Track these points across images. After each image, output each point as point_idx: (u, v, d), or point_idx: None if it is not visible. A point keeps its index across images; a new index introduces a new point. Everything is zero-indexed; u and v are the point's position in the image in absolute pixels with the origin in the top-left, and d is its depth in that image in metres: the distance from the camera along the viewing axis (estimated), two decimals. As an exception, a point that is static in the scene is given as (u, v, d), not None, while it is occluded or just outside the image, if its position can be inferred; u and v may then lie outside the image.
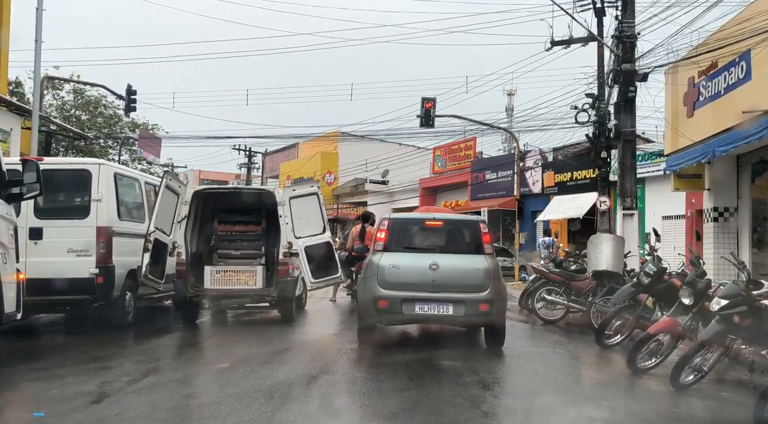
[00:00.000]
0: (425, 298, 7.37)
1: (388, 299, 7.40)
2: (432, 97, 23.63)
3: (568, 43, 20.57)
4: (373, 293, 7.49)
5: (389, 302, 7.40)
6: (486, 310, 7.39)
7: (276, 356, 7.26)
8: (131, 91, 23.53)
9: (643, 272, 7.91)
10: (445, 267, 7.45)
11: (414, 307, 7.38)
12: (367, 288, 7.61)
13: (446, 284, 7.40)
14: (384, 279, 7.46)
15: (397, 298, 7.38)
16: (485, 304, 7.37)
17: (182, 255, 9.45)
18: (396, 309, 7.41)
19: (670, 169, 14.49)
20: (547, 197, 28.12)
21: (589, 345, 8.45)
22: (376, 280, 7.50)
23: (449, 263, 7.55)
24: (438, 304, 7.37)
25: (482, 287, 7.44)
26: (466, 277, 7.51)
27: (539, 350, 8.32)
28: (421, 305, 7.38)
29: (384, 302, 7.42)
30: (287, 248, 9.53)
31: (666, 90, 14.33)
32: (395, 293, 7.40)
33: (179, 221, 9.46)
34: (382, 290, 7.44)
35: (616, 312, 8.05)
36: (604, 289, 9.43)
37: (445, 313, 7.42)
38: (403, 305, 7.39)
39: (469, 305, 7.37)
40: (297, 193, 9.73)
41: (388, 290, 7.42)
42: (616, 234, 10.16)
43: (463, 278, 7.51)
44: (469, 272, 7.53)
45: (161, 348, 8.01)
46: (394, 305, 7.40)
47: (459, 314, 7.40)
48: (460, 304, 7.37)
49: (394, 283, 7.44)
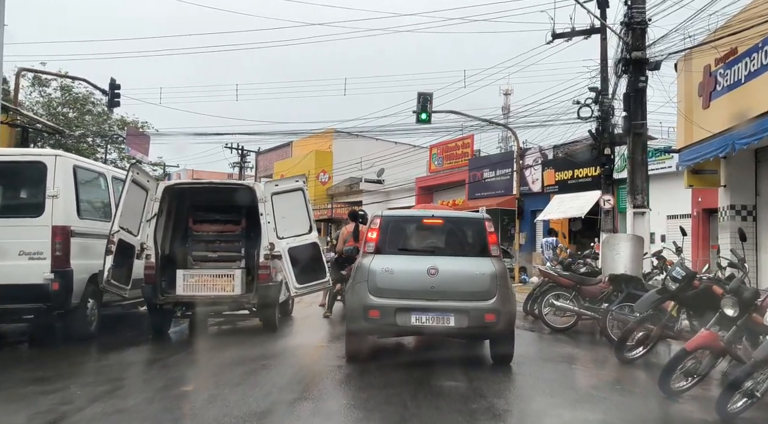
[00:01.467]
0: (423, 307, 6.44)
1: (381, 309, 6.45)
2: (429, 93, 22.81)
3: (570, 36, 19.75)
4: (363, 302, 6.53)
5: (381, 311, 6.45)
6: (492, 321, 6.45)
7: (250, 375, 6.28)
8: (114, 85, 22.48)
9: (669, 277, 6.95)
10: (445, 271, 6.56)
11: (410, 317, 6.43)
12: (357, 295, 6.63)
13: (447, 291, 6.52)
14: (376, 285, 6.53)
15: (391, 307, 6.43)
16: (491, 314, 6.44)
17: (151, 258, 8.46)
18: (389, 320, 6.45)
19: (683, 164, 13.54)
20: (547, 196, 27.29)
21: (607, 358, 7.51)
22: (366, 286, 6.56)
23: (450, 266, 6.66)
24: (437, 314, 6.43)
25: (488, 294, 6.52)
26: (470, 283, 6.61)
27: (552, 365, 7.36)
28: (418, 315, 6.43)
29: (375, 311, 6.46)
30: (269, 249, 8.56)
31: (679, 80, 13.39)
32: (388, 301, 6.46)
33: (148, 220, 8.48)
34: (373, 297, 6.50)
35: (639, 322, 7.10)
36: (622, 295, 8.48)
37: (445, 324, 6.45)
38: (397, 315, 6.43)
39: (473, 315, 6.43)
40: (280, 188, 8.76)
41: (381, 297, 6.49)
42: (634, 234, 9.18)
43: (466, 284, 6.61)
44: (473, 277, 6.62)
45: (120, 366, 7.01)
46: (386, 316, 6.43)
47: (461, 325, 6.45)
48: (463, 314, 6.44)
49: (388, 290, 6.52)
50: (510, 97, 47.07)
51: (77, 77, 24.32)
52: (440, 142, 34.50)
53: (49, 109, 32.39)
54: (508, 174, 29.06)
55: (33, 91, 32.47)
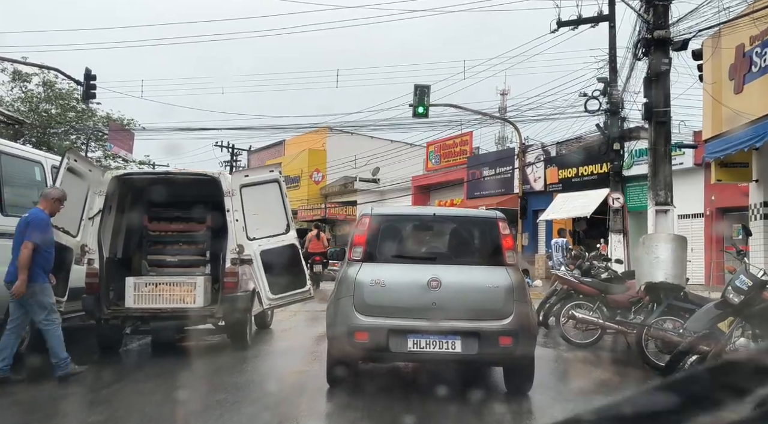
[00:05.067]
0: (422, 329, 5.10)
1: (370, 331, 5.10)
2: (426, 85, 21.50)
3: (577, 24, 18.39)
4: (347, 322, 5.17)
5: (371, 334, 5.10)
6: (509, 346, 5.14)
7: (205, 413, 4.85)
8: (90, 76, 21.00)
9: (731, 287, 5.55)
10: (449, 284, 5.24)
11: (406, 342, 5.08)
12: (340, 314, 5.27)
13: (452, 308, 5.19)
14: (363, 301, 5.19)
15: (382, 329, 5.09)
16: (508, 337, 5.13)
17: (94, 263, 7.01)
18: (381, 345, 5.08)
19: (710, 156, 12.16)
20: (549, 195, 25.99)
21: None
22: (352, 302, 5.19)
23: (456, 278, 5.35)
24: (440, 337, 5.09)
25: (503, 312, 5.22)
26: (481, 298, 5.32)
27: (584, 397, 5.89)
28: (417, 339, 5.08)
29: (363, 334, 5.11)
30: (237, 252, 7.12)
31: (705, 62, 11.99)
32: (379, 321, 5.12)
33: (91, 217, 7.03)
34: (360, 316, 5.15)
35: (694, 343, 5.68)
36: (661, 306, 7.05)
37: (450, 350, 5.09)
38: (390, 338, 5.08)
39: (484, 338, 5.12)
40: (250, 179, 7.32)
41: (370, 316, 5.14)
42: (676, 234, 7.77)
43: (475, 299, 5.32)
44: (485, 291, 5.33)
45: (37, 402, 5.49)
46: (377, 339, 5.08)
47: (470, 351, 5.10)
48: (473, 337, 5.12)
49: (378, 307, 5.19)
50: (506, 98, 45.66)
51: (47, 66, 22.67)
52: (437, 140, 33.13)
53: (30, 106, 30.90)
54: (508, 172, 27.75)
55: (14, 86, 31.04)
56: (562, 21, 17.83)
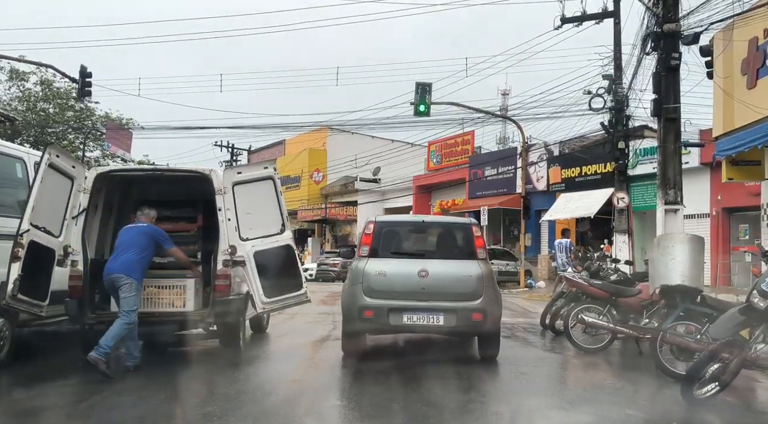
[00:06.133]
0: (414, 307, 6.78)
1: (374, 309, 6.78)
2: (428, 83, 21.13)
3: (581, 20, 17.99)
4: (358, 302, 6.85)
5: (375, 311, 6.79)
6: (479, 320, 6.79)
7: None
8: (85, 73, 20.56)
9: (757, 291, 5.17)
10: (435, 274, 6.90)
11: (402, 317, 6.78)
12: (352, 297, 6.91)
13: (436, 292, 6.84)
14: (370, 287, 6.85)
15: (384, 307, 6.76)
16: (479, 313, 6.79)
17: (78, 265, 6.63)
18: (382, 319, 6.79)
19: (721, 154, 11.77)
20: (552, 195, 25.64)
21: (667, 396, 5.73)
22: (361, 288, 6.87)
23: (439, 269, 6.98)
24: (428, 314, 6.78)
25: (475, 294, 6.86)
26: (458, 284, 6.92)
27: (601, 409, 5.48)
28: (410, 315, 6.78)
29: (370, 311, 6.80)
30: (229, 253, 6.74)
31: (717, 57, 11.59)
32: (382, 302, 6.78)
33: (75, 217, 6.65)
34: (367, 299, 6.82)
35: (716, 351, 5.30)
36: (677, 310, 6.65)
37: (435, 323, 6.81)
38: (390, 314, 6.77)
39: (461, 314, 6.79)
40: (244, 176, 6.93)
41: (374, 298, 6.80)
42: (693, 234, 7.38)
43: (454, 285, 6.93)
44: (461, 279, 6.95)
45: (6, 416, 5.11)
46: (380, 315, 6.78)
47: (450, 324, 6.80)
48: (452, 313, 6.78)
49: (381, 291, 6.84)
50: (507, 98, 45.24)
51: (42, 63, 22.29)
52: (439, 139, 32.71)
53: (27, 105, 30.54)
54: (511, 172, 27.36)
55: (12, 85, 30.69)
56: (565, 17, 17.46)
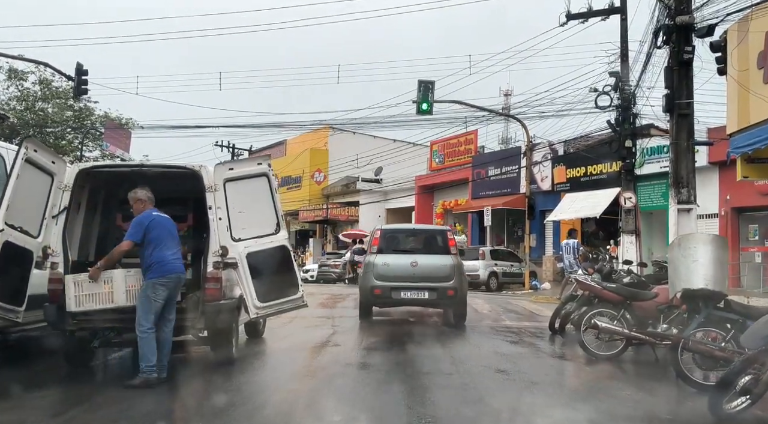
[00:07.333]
0: (408, 287, 10.21)
1: (381, 288, 10.27)
2: (430, 81, 20.71)
3: (587, 17, 17.55)
4: (370, 284, 10.34)
5: (382, 290, 10.28)
6: (452, 295, 10.22)
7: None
8: (81, 70, 20.20)
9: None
10: (422, 264, 10.31)
11: (400, 293, 10.22)
12: (366, 280, 10.43)
13: (423, 276, 10.19)
14: (378, 273, 10.29)
15: (388, 287, 10.23)
16: (451, 290, 10.20)
17: (59, 267, 6.19)
18: (387, 295, 10.31)
19: (736, 152, 11.32)
20: (557, 195, 25.19)
21: (692, 409, 5.29)
22: (372, 274, 10.31)
23: (425, 261, 10.39)
24: (417, 291, 10.21)
25: (449, 277, 10.23)
26: (438, 271, 10.26)
27: (614, 419, 5.04)
28: (405, 292, 10.23)
29: (378, 290, 10.30)
30: (220, 255, 6.31)
31: (732, 50, 11.13)
32: (386, 283, 10.23)
33: (55, 216, 6.23)
34: (376, 281, 10.27)
35: (747, 362, 4.85)
36: (700, 315, 6.20)
37: (422, 297, 10.31)
38: (392, 292, 10.22)
39: (440, 291, 10.18)
40: (236, 173, 6.50)
41: (381, 281, 10.25)
42: (715, 234, 6.94)
43: (435, 271, 10.25)
44: (440, 267, 10.31)
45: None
46: (385, 292, 10.28)
47: (432, 297, 10.25)
48: (434, 291, 10.16)
49: (386, 276, 10.26)
50: (510, 98, 44.73)
51: (38, 61, 21.91)
52: (441, 138, 32.23)
53: (26, 104, 30.15)
54: (514, 171, 26.88)
55: (10, 85, 30.31)
56: (571, 14, 17.02)
